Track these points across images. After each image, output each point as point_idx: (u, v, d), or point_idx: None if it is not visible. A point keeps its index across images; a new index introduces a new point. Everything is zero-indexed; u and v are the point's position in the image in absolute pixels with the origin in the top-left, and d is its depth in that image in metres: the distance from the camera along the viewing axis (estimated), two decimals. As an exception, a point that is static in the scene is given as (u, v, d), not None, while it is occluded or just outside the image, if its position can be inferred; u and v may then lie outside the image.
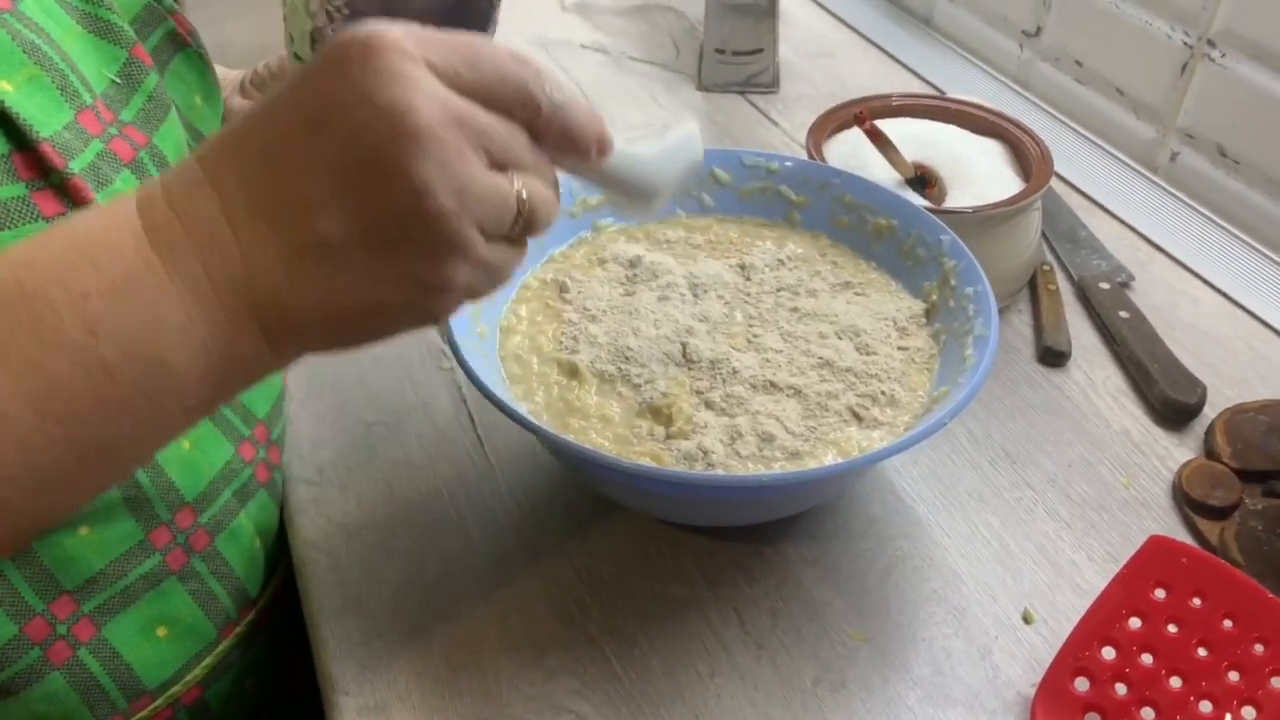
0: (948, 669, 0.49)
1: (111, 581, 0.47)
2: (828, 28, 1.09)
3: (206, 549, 0.51)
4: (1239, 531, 0.54)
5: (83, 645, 0.47)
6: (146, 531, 0.48)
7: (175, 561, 0.49)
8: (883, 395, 0.51)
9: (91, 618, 0.47)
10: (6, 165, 0.39)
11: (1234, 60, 0.77)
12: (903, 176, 0.67)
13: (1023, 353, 0.67)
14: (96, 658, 0.47)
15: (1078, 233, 0.77)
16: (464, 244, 0.34)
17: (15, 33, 0.41)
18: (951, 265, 0.55)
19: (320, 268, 0.33)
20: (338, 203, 0.32)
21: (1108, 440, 0.61)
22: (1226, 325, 0.69)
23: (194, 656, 0.52)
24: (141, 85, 0.47)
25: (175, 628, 0.50)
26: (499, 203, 0.34)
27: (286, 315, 0.34)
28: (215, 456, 0.51)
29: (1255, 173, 0.77)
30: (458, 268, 0.34)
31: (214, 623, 0.52)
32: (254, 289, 0.33)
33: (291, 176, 0.32)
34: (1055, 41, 0.93)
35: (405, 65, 0.32)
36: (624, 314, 0.55)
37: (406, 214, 0.32)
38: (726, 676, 0.49)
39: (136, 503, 0.47)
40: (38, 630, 0.45)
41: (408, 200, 0.32)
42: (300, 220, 0.33)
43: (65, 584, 0.45)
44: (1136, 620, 0.46)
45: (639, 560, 0.54)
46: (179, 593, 0.50)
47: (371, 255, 0.33)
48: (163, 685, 0.50)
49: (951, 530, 0.56)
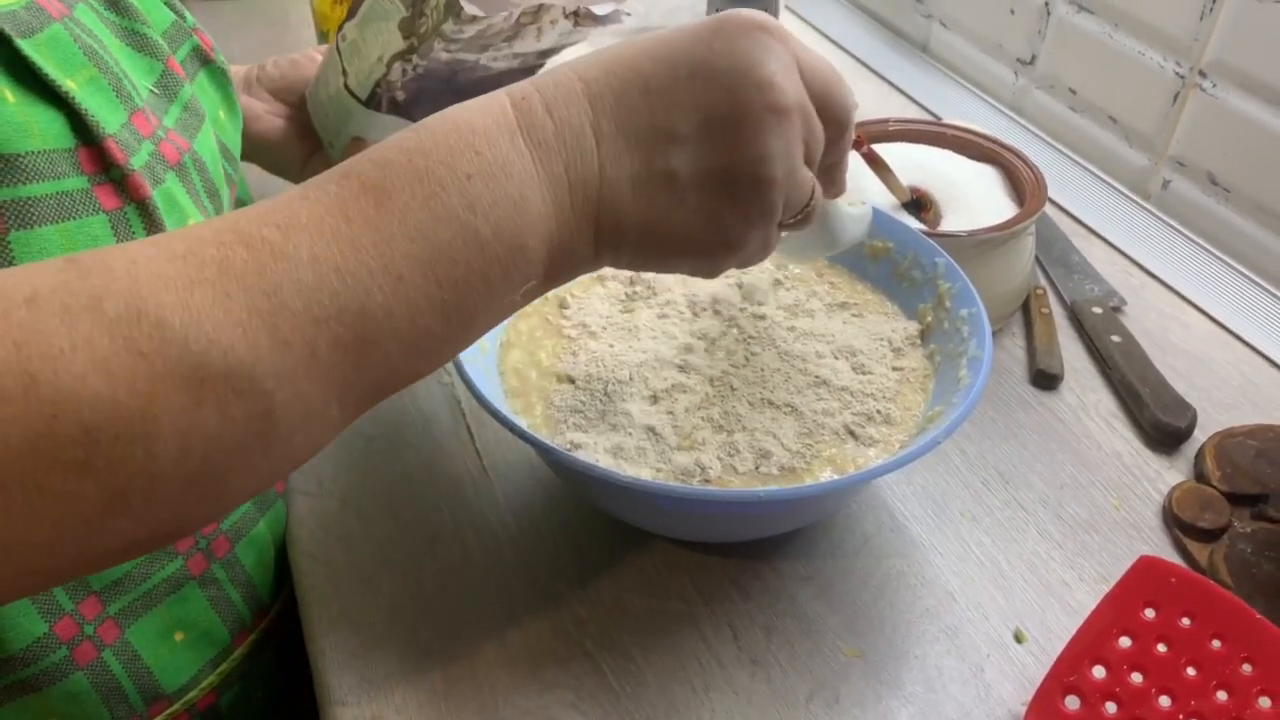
0: (940, 686, 0.50)
1: (136, 584, 0.48)
2: (826, 53, 1.10)
3: (227, 555, 0.52)
4: (1228, 554, 0.55)
5: (107, 647, 0.47)
6: None
7: (196, 567, 0.50)
8: (878, 414, 0.52)
9: (116, 620, 0.48)
10: (72, 159, 0.40)
11: (1224, 91, 0.78)
12: (899, 200, 0.68)
13: (1016, 375, 0.68)
14: (119, 660, 0.48)
15: (1071, 257, 0.78)
16: (772, 214, 0.39)
17: (76, 35, 0.42)
18: (946, 288, 0.56)
19: (660, 195, 0.38)
20: (695, 143, 0.37)
21: (1099, 462, 0.62)
22: (1217, 351, 0.70)
23: (209, 662, 0.52)
24: (178, 96, 0.48)
25: (192, 633, 0.51)
26: (805, 192, 0.41)
27: (620, 227, 0.38)
28: None
29: (1245, 201, 0.79)
30: (756, 232, 0.39)
31: (229, 629, 0.53)
32: (601, 198, 0.37)
33: (664, 110, 0.37)
34: (1050, 70, 0.94)
35: (784, 52, 0.38)
36: (623, 331, 0.56)
37: (746, 172, 0.37)
38: (721, 692, 0.49)
39: None
40: (66, 629, 0.46)
41: (753, 162, 0.37)
42: (659, 149, 0.37)
43: (94, 584, 0.46)
44: (1126, 639, 0.46)
45: (635, 576, 0.54)
46: (198, 598, 0.51)
47: (702, 196, 0.38)
48: (180, 690, 0.51)
49: (944, 549, 0.56)
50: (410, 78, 0.62)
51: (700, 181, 0.37)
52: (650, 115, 0.37)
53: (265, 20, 1.11)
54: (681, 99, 0.37)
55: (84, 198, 0.41)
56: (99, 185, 0.41)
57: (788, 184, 0.39)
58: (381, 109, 0.65)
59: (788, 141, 0.38)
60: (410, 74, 0.62)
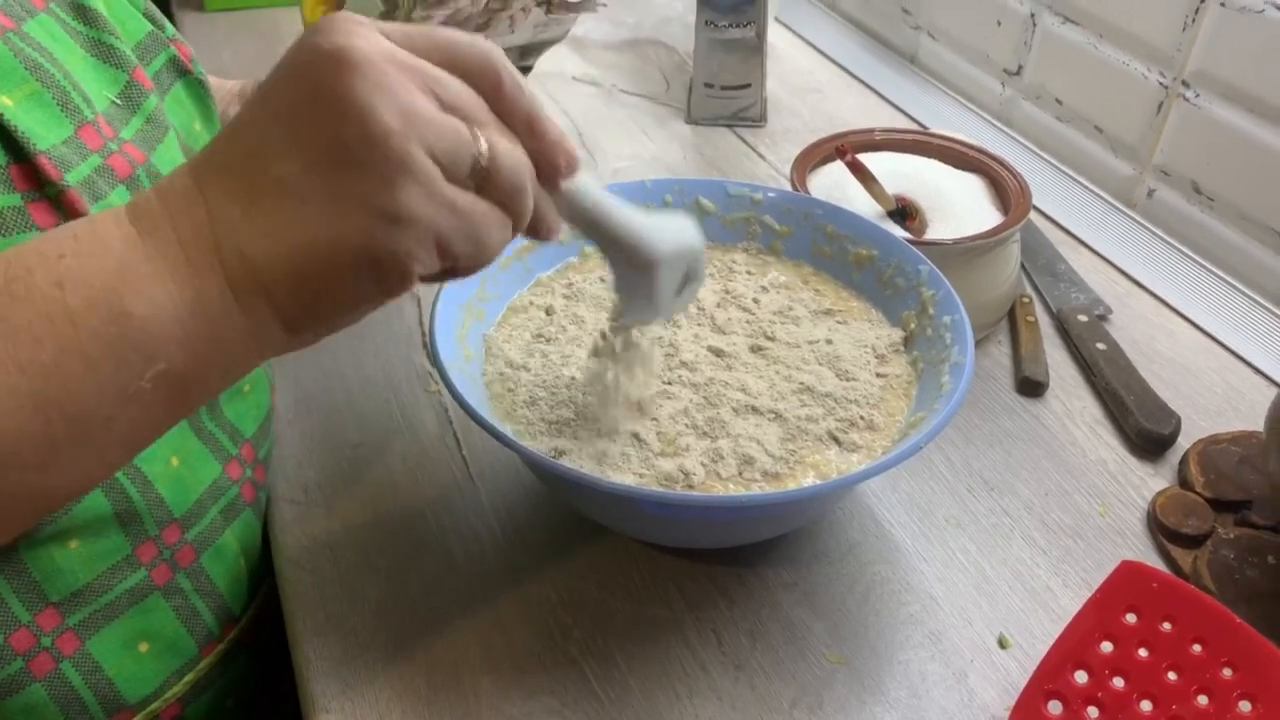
0: (923, 692, 0.50)
1: (97, 595, 0.47)
2: (815, 64, 1.11)
3: (191, 565, 0.51)
4: (1211, 560, 0.55)
5: (66, 659, 0.47)
6: (133, 546, 0.48)
7: (160, 577, 0.50)
8: (861, 420, 0.52)
9: (76, 631, 0.47)
10: (4, 176, 0.40)
11: (1207, 100, 0.79)
12: (884, 209, 0.69)
13: (1001, 382, 0.68)
14: (79, 671, 0.47)
15: (1057, 266, 0.78)
16: (412, 165, 0.34)
17: (18, 50, 0.42)
18: (930, 295, 0.56)
19: (276, 205, 0.34)
20: (291, 140, 0.34)
21: (1084, 469, 0.62)
22: (1201, 358, 0.71)
23: (174, 673, 0.52)
24: (141, 107, 0.48)
25: (157, 643, 0.50)
26: (452, 134, 0.35)
27: (250, 265, 0.34)
28: (203, 474, 0.51)
29: (1229, 209, 0.79)
30: (411, 193, 0.34)
31: (196, 640, 0.52)
32: (217, 238, 0.34)
33: (256, 132, 0.35)
34: (1036, 80, 0.95)
35: (354, 25, 0.35)
36: (608, 338, 0.56)
37: (353, 136, 0.33)
38: (705, 697, 0.49)
39: (126, 517, 0.47)
40: (21, 641, 0.45)
41: (353, 122, 0.33)
42: (258, 165, 0.34)
43: (51, 596, 0.46)
44: (1108, 644, 0.46)
45: (620, 582, 0.54)
46: (162, 609, 0.50)
47: (325, 183, 0.34)
48: (143, 701, 0.51)
49: (929, 555, 0.56)
50: None
51: (314, 171, 0.34)
52: (244, 143, 0.35)
53: (256, 32, 1.12)
54: (267, 113, 0.35)
55: (16, 215, 0.40)
56: (33, 202, 0.41)
57: (413, 128, 0.33)
58: None
59: (386, 89, 0.33)
60: None
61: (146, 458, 0.47)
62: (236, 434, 0.54)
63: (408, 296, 0.74)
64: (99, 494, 0.45)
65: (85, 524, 0.46)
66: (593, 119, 0.98)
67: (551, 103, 1.01)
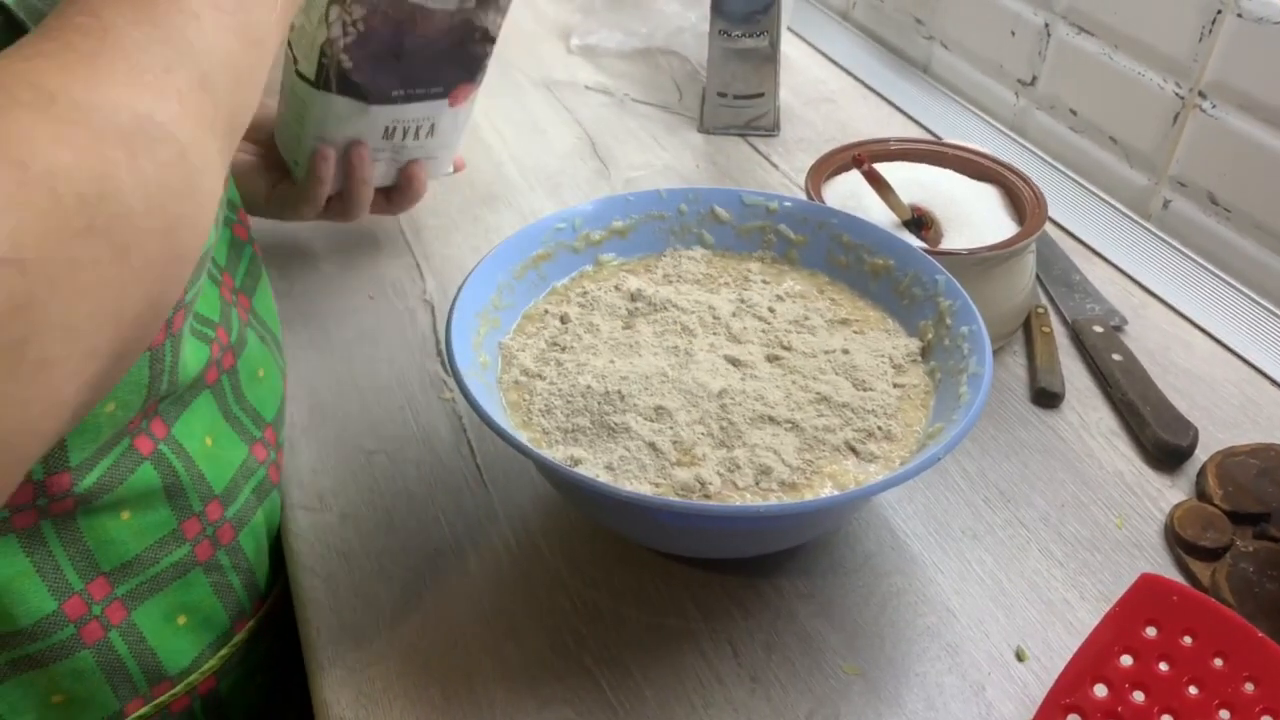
0: (940, 705, 0.49)
1: (145, 567, 0.49)
2: (828, 74, 1.11)
3: (230, 543, 0.53)
4: (1230, 573, 0.55)
5: (114, 627, 0.49)
6: (179, 521, 0.50)
7: (203, 553, 0.52)
8: (879, 430, 0.52)
9: (123, 601, 0.49)
10: None
11: (1224, 111, 0.79)
12: (900, 218, 0.68)
13: (1017, 393, 0.68)
14: (125, 640, 0.49)
15: (1072, 277, 0.78)
16: None
17: None
18: (947, 305, 0.56)
19: None
20: None
21: (1100, 481, 0.62)
22: (1218, 369, 0.70)
23: (209, 646, 0.54)
24: None
25: (194, 617, 0.52)
26: None
27: None
28: (233, 455, 0.54)
29: (1245, 220, 0.79)
30: None
31: (229, 615, 0.54)
32: None
33: None
34: (1050, 90, 0.95)
35: None
36: (624, 347, 0.56)
37: None
38: (720, 709, 0.49)
39: (173, 491, 0.49)
40: (75, 608, 0.47)
41: None
42: None
43: (103, 566, 0.48)
44: (1128, 658, 0.46)
45: (635, 592, 0.54)
46: (202, 583, 0.52)
47: None
48: (181, 673, 0.52)
49: (945, 567, 0.56)
50: (352, 38, 0.63)
51: None
52: None
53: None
54: None
55: None
56: None
57: None
58: (332, 88, 0.65)
59: None
60: (350, 30, 0.62)
61: (186, 435, 0.50)
62: (259, 418, 0.56)
63: (420, 304, 0.74)
64: (149, 467, 0.48)
65: (137, 496, 0.48)
66: (605, 128, 0.98)
67: (564, 112, 1.01)
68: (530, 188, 0.88)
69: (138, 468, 0.47)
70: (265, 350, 0.59)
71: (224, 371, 0.53)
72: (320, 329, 0.71)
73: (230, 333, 0.54)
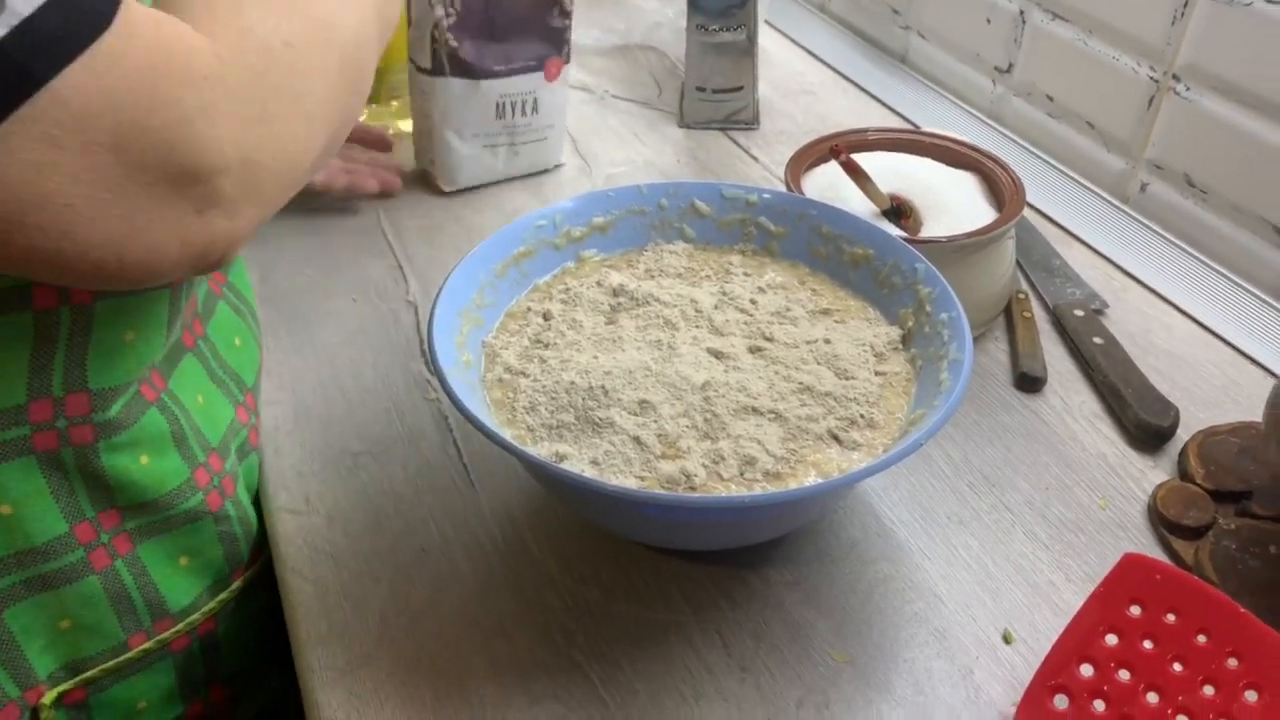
0: (929, 689, 0.50)
1: (161, 510, 0.52)
2: (806, 66, 1.11)
3: (234, 494, 0.56)
4: (1213, 551, 0.55)
5: (120, 557, 0.51)
6: (190, 469, 0.53)
7: (214, 503, 0.55)
8: (861, 418, 0.52)
9: (130, 535, 0.52)
10: None
11: (1198, 93, 0.79)
12: (879, 208, 0.69)
13: (999, 379, 0.68)
14: (131, 572, 0.52)
15: (1052, 262, 0.79)
16: None
17: None
18: (926, 292, 0.56)
19: None
20: None
21: (1084, 463, 0.62)
22: (1199, 350, 0.71)
23: (208, 589, 0.57)
24: None
25: (196, 560, 0.55)
26: None
27: None
28: (222, 413, 0.57)
29: (1222, 201, 0.79)
30: None
31: (228, 562, 0.57)
32: None
33: None
34: (1026, 77, 0.95)
35: None
36: (607, 342, 0.56)
37: None
38: (711, 700, 0.49)
39: (178, 438, 0.52)
40: (85, 533, 0.49)
41: None
42: None
43: (119, 501, 0.50)
44: (1113, 637, 0.46)
45: (623, 586, 0.54)
46: (210, 530, 0.55)
47: None
48: (183, 611, 0.55)
49: (931, 553, 0.56)
50: (454, 19, 0.76)
51: None
52: None
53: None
54: None
55: None
56: None
57: None
58: (446, 71, 0.78)
59: None
60: (451, 11, 0.75)
61: (181, 389, 0.53)
62: (240, 382, 0.59)
63: (404, 305, 0.74)
64: (156, 412, 0.51)
65: (150, 439, 0.50)
66: (586, 125, 0.98)
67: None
68: (512, 187, 0.88)
69: (147, 411, 0.50)
70: (240, 321, 0.61)
71: (197, 337, 0.56)
72: (304, 332, 0.71)
73: (198, 301, 0.56)
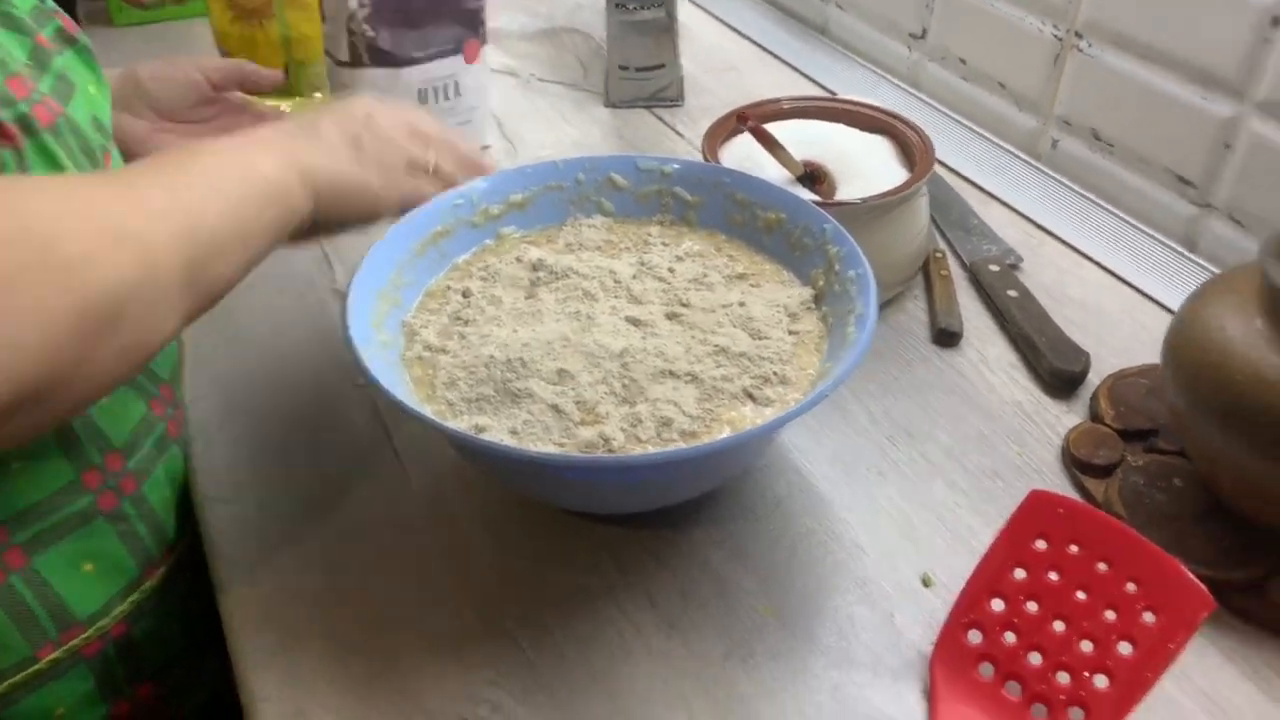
0: (852, 635, 0.51)
1: (44, 515, 0.51)
2: (729, 41, 1.12)
3: (134, 493, 0.56)
4: (1121, 486, 0.57)
5: (14, 572, 0.51)
6: (78, 472, 0.52)
7: (107, 503, 0.54)
8: (774, 376, 0.53)
9: (23, 548, 0.51)
10: None
11: (1100, 49, 0.81)
12: (793, 174, 0.70)
13: (918, 335, 0.70)
14: (28, 586, 0.51)
15: (969, 221, 0.80)
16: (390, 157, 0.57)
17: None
18: (835, 251, 0.57)
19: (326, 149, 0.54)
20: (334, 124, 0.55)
21: (1001, 412, 0.64)
22: (1110, 299, 0.73)
23: (119, 592, 0.56)
24: (49, 67, 0.52)
25: (101, 563, 0.54)
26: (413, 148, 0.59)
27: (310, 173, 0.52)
28: (132, 410, 0.56)
29: (1128, 153, 0.82)
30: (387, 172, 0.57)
31: (137, 562, 0.56)
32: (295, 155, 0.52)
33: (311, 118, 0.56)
34: (940, 42, 0.97)
35: None
36: (527, 315, 0.57)
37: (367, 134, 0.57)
38: (639, 657, 0.50)
39: (66, 442, 0.52)
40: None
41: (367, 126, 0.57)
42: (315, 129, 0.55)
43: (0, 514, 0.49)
44: (1021, 571, 0.48)
45: (553, 554, 0.55)
46: (107, 532, 0.54)
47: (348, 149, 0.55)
48: (91, 617, 0.54)
49: (854, 505, 0.58)
50: (368, 9, 0.75)
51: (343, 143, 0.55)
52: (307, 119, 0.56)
53: (166, 43, 1.11)
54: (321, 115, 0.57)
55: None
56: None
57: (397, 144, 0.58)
58: (365, 62, 0.77)
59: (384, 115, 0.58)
60: (364, 2, 0.74)
61: None
62: (154, 375, 0.59)
63: (330, 294, 0.74)
64: None
65: (26, 449, 0.50)
66: (513, 109, 0.98)
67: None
68: (437, 172, 0.88)
69: None
70: None
71: None
72: (231, 325, 0.71)
73: None
